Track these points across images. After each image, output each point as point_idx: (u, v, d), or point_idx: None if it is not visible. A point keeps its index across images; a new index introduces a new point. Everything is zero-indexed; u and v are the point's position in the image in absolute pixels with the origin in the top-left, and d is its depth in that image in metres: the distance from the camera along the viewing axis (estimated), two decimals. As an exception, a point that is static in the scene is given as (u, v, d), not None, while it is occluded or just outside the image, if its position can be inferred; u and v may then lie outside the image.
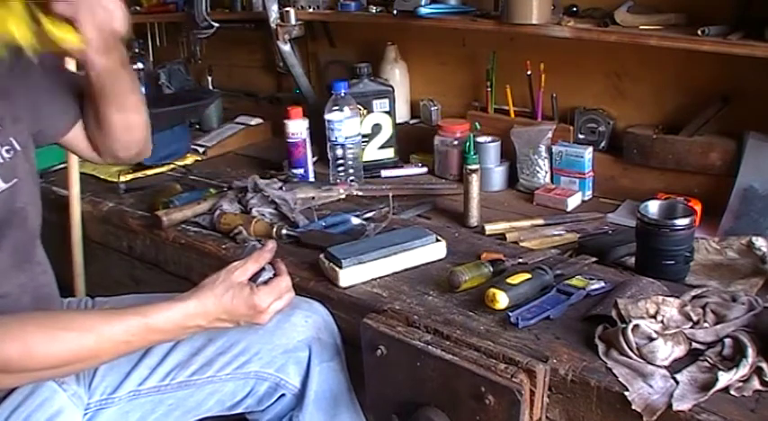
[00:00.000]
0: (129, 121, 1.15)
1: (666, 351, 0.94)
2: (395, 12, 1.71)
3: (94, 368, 1.04)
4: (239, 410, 1.17)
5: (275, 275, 1.06)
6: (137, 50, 2.31)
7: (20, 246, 1.01)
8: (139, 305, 0.97)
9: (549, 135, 1.66)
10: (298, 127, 1.76)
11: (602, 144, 1.65)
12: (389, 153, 1.86)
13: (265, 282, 1.04)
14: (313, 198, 1.59)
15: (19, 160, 1.01)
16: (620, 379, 0.91)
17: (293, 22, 1.92)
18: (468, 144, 1.52)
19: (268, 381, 1.14)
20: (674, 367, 0.93)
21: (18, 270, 1.01)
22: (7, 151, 0.99)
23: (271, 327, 1.12)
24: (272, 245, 1.09)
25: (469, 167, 1.48)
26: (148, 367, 1.08)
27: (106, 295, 1.26)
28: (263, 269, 1.07)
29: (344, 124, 1.69)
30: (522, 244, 1.37)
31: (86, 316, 0.98)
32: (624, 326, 0.96)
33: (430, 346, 1.01)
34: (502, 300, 1.07)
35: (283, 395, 1.16)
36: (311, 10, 1.93)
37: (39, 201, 1.08)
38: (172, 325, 0.97)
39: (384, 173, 1.81)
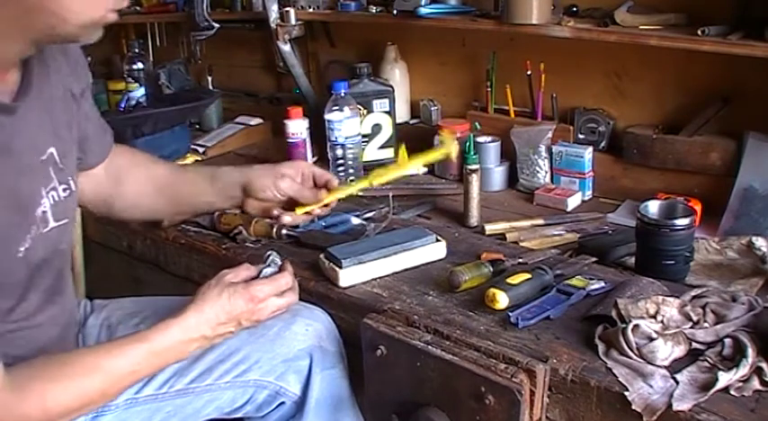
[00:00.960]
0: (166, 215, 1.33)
1: (666, 351, 0.94)
2: (395, 12, 1.71)
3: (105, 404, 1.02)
4: (238, 416, 1.17)
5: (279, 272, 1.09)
6: (137, 50, 2.31)
7: (55, 283, 1.02)
8: (145, 323, 0.99)
9: (549, 135, 1.66)
10: (298, 127, 1.76)
11: (602, 144, 1.65)
12: (389, 153, 1.86)
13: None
14: None
15: (72, 200, 1.01)
16: (620, 379, 0.91)
17: (293, 22, 1.92)
18: (468, 144, 1.52)
19: (267, 389, 1.13)
20: (674, 367, 0.93)
21: (50, 303, 1.01)
22: (64, 190, 0.98)
23: (271, 336, 1.12)
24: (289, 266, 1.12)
25: (469, 167, 1.48)
26: None
27: (106, 296, 1.26)
28: (267, 266, 1.09)
29: (344, 124, 1.69)
30: (522, 244, 1.37)
31: (91, 355, 0.96)
32: (624, 326, 0.96)
33: (430, 346, 1.01)
34: (502, 300, 1.07)
35: (283, 402, 1.15)
36: (311, 10, 1.93)
37: (73, 233, 1.10)
38: (175, 343, 0.97)
39: (384, 173, 1.81)
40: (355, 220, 1.47)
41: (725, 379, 0.88)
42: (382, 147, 1.85)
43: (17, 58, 0.89)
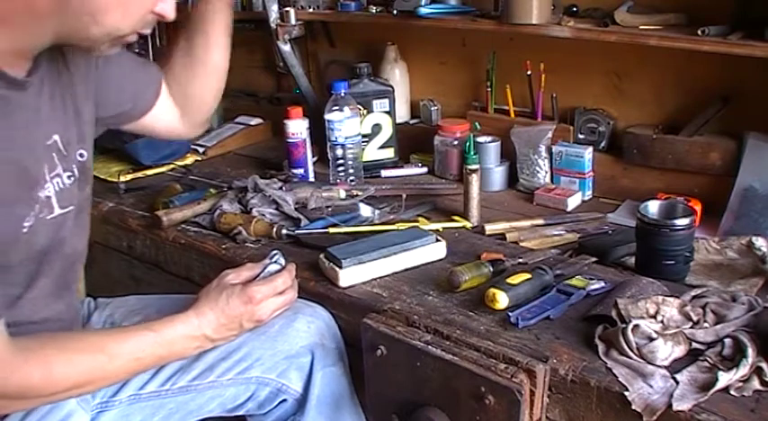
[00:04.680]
0: (220, 62, 1.28)
1: (666, 351, 0.94)
2: (395, 12, 1.71)
3: (106, 387, 1.04)
4: (240, 413, 1.17)
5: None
6: (137, 50, 2.30)
7: (63, 272, 1.02)
8: (148, 320, 1.00)
9: (549, 135, 1.66)
10: (298, 127, 1.76)
11: (602, 144, 1.65)
12: (389, 153, 1.86)
13: None
14: (330, 198, 1.59)
15: (77, 187, 1.01)
16: (620, 379, 0.91)
17: (293, 22, 1.92)
18: (468, 144, 1.52)
19: (269, 386, 1.13)
20: (674, 367, 0.93)
21: (57, 297, 1.02)
22: (69, 177, 0.99)
23: (273, 333, 1.13)
24: (291, 266, 1.14)
25: (469, 167, 1.48)
26: (150, 371, 1.08)
27: (107, 295, 1.26)
28: (272, 263, 1.11)
29: (344, 124, 1.69)
30: (522, 244, 1.37)
31: (97, 336, 1.00)
32: (624, 326, 0.96)
33: (430, 346, 1.01)
34: (502, 300, 1.07)
35: (285, 400, 1.16)
36: (311, 10, 1.93)
37: (87, 228, 1.09)
38: (179, 336, 0.99)
39: (384, 173, 1.81)
40: (365, 211, 1.50)
41: (725, 379, 0.88)
42: (382, 147, 1.85)
43: (40, 49, 0.90)
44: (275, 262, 1.12)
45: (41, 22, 0.84)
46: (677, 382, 0.90)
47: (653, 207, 1.21)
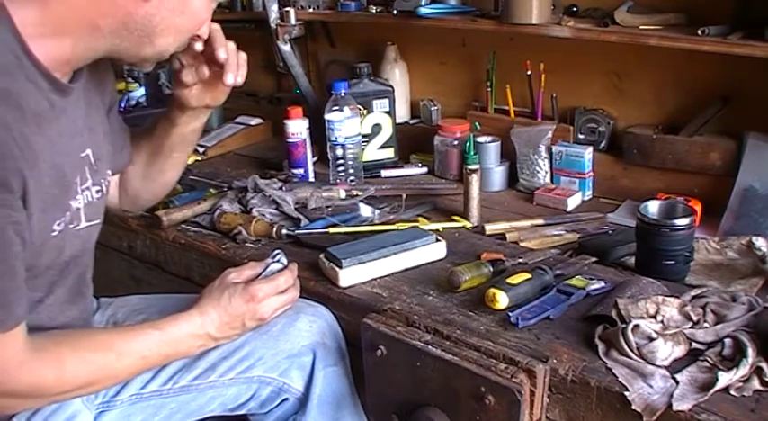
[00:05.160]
0: (174, 177, 1.27)
1: (666, 351, 0.94)
2: (395, 12, 1.71)
3: (111, 387, 1.04)
4: (242, 412, 1.17)
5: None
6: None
7: (78, 280, 1.04)
8: (150, 320, 1.01)
9: (549, 135, 1.66)
10: (298, 127, 1.76)
11: (602, 144, 1.65)
12: (389, 153, 1.86)
13: None
14: (330, 198, 1.59)
15: (103, 202, 1.03)
16: (620, 379, 0.91)
17: (293, 22, 1.92)
18: (468, 144, 1.52)
19: (271, 386, 1.14)
20: (674, 367, 0.93)
21: (72, 303, 1.03)
22: (97, 191, 1.00)
23: (275, 332, 1.13)
24: (293, 265, 1.14)
25: (469, 167, 1.48)
26: (151, 371, 1.08)
27: (108, 295, 1.26)
28: (274, 262, 1.11)
29: (344, 124, 1.69)
30: (522, 244, 1.37)
31: (106, 334, 1.01)
32: (624, 326, 0.96)
33: (430, 346, 1.01)
34: (502, 300, 1.07)
35: (287, 399, 1.16)
36: (311, 10, 1.93)
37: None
38: (184, 335, 1.00)
39: (384, 173, 1.81)
40: (365, 211, 1.50)
41: (725, 379, 0.88)
42: (382, 147, 1.85)
43: (89, 61, 0.92)
44: (277, 261, 1.12)
45: (101, 39, 0.87)
46: (677, 382, 0.90)
47: (653, 207, 1.21)
